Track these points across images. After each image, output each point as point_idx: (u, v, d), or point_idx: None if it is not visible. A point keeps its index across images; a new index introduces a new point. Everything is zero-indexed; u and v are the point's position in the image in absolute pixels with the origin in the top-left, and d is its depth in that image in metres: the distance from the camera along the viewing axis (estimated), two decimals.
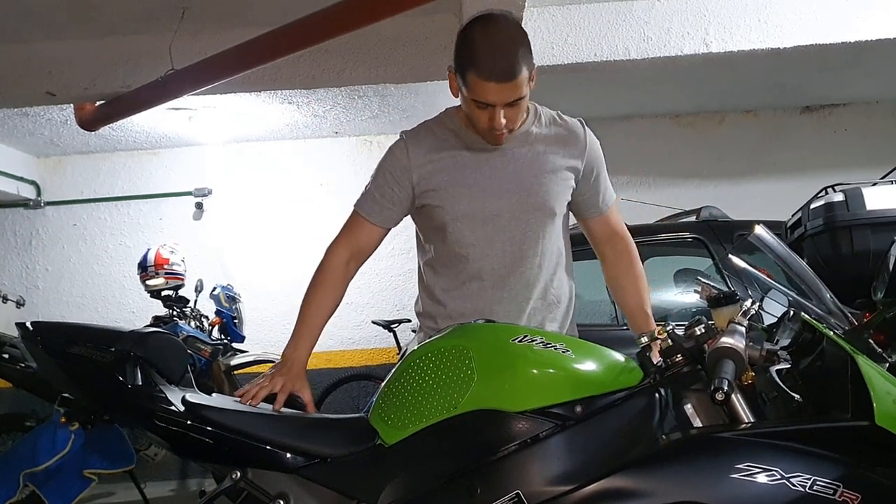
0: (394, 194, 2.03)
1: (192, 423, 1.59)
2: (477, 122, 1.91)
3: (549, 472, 1.48)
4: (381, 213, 2.04)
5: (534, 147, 2.02)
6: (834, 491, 1.38)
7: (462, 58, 1.86)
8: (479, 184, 2.00)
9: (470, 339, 1.63)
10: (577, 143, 2.06)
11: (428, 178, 2.01)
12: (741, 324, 1.49)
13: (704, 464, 1.43)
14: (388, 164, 2.04)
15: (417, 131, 2.06)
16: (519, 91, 1.84)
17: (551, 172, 2.03)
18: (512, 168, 2.01)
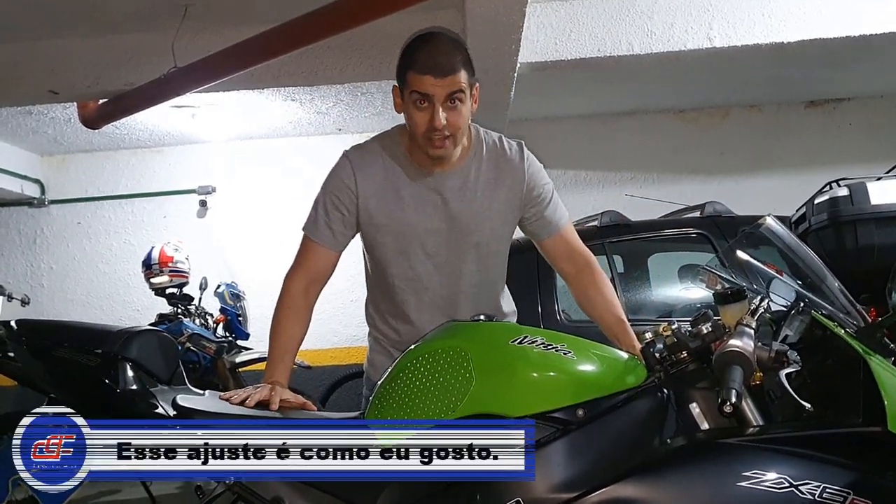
0: (342, 218, 2.02)
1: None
2: (417, 127, 1.88)
3: (551, 479, 1.45)
4: (333, 238, 2.04)
5: (472, 186, 2.01)
6: (844, 499, 1.35)
7: (402, 64, 1.88)
8: (420, 223, 2.01)
9: (468, 339, 1.60)
10: (516, 172, 2.04)
11: (371, 212, 2.01)
12: (749, 325, 1.45)
13: (711, 471, 1.40)
14: (334, 189, 2.03)
15: (363, 156, 2.03)
16: (457, 86, 1.84)
17: (490, 212, 2.03)
18: (451, 208, 2.01)
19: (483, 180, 2.00)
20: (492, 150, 2.04)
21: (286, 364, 1.93)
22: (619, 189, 6.08)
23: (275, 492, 1.56)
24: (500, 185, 2.01)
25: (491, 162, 2.02)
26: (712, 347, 1.50)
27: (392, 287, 2.06)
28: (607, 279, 2.09)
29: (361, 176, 1.99)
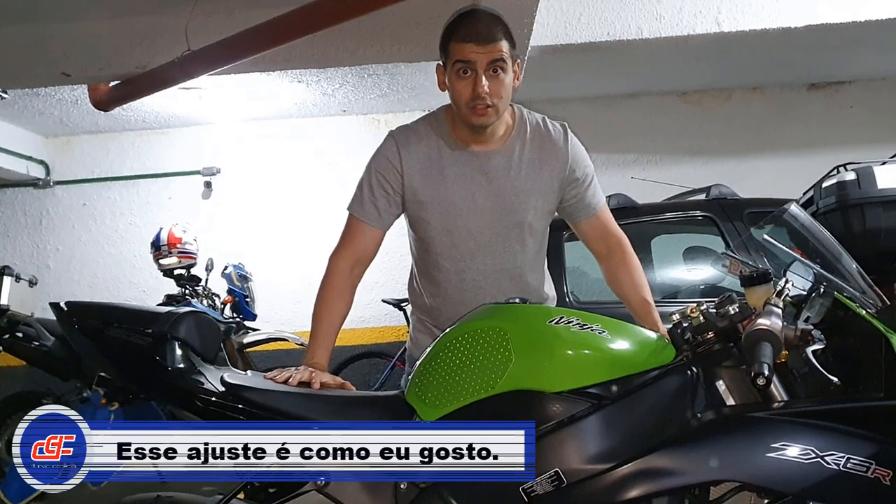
0: (388, 197, 2.07)
1: (233, 404, 1.62)
2: (460, 96, 1.95)
3: (587, 451, 1.51)
4: (379, 217, 2.08)
5: (516, 164, 2.07)
6: (867, 468, 1.42)
7: (444, 37, 1.97)
8: (464, 202, 2.06)
9: (506, 320, 1.66)
10: (560, 153, 2.09)
11: (416, 190, 2.06)
12: (777, 305, 1.52)
13: (740, 443, 1.47)
14: (380, 167, 2.07)
15: (408, 136, 2.09)
16: (498, 54, 1.90)
17: (533, 190, 2.08)
18: (494, 187, 2.06)
19: (527, 160, 2.06)
20: (535, 130, 2.09)
21: (327, 347, 1.98)
22: (622, 171, 6.13)
23: None
24: (543, 166, 2.07)
25: (535, 142, 2.07)
26: (739, 328, 1.56)
27: (436, 265, 2.11)
28: (637, 262, 2.15)
29: (406, 155, 2.04)
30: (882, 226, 3.14)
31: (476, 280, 2.11)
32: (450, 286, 2.13)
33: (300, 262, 6.18)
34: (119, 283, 6.46)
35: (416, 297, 2.23)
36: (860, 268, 1.66)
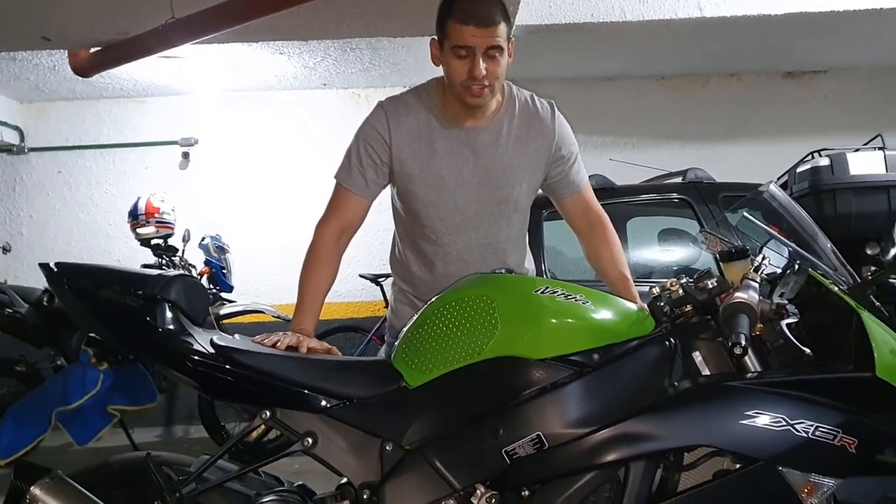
0: (375, 167, 2.09)
1: (223, 365, 1.64)
2: (456, 76, 1.96)
3: (568, 416, 1.57)
4: (366, 187, 2.10)
5: (504, 141, 2.10)
6: (834, 436, 1.50)
7: (442, 13, 1.96)
8: (452, 176, 2.09)
9: (494, 289, 1.71)
10: (547, 131, 2.13)
11: (405, 162, 2.08)
12: (754, 279, 1.58)
13: (715, 410, 1.53)
14: (368, 138, 2.09)
15: (398, 107, 2.10)
16: (497, 39, 1.92)
17: (520, 167, 2.12)
18: (482, 162, 2.09)
19: (514, 136, 2.09)
20: (524, 107, 2.12)
21: (314, 313, 2.01)
22: (598, 153, 6.19)
23: (307, 426, 1.65)
24: (530, 142, 2.10)
25: (523, 119, 2.10)
26: (717, 301, 1.62)
27: (421, 237, 2.14)
28: (617, 238, 2.21)
29: (395, 126, 2.06)
30: (853, 211, 3.23)
31: (460, 254, 2.15)
32: (435, 258, 2.16)
33: (277, 235, 6.18)
34: (94, 251, 6.41)
35: (399, 266, 2.26)
36: (834, 247, 1.72)
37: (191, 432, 6.09)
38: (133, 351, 1.68)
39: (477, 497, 1.59)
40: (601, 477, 1.54)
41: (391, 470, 1.62)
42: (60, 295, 1.74)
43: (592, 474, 1.54)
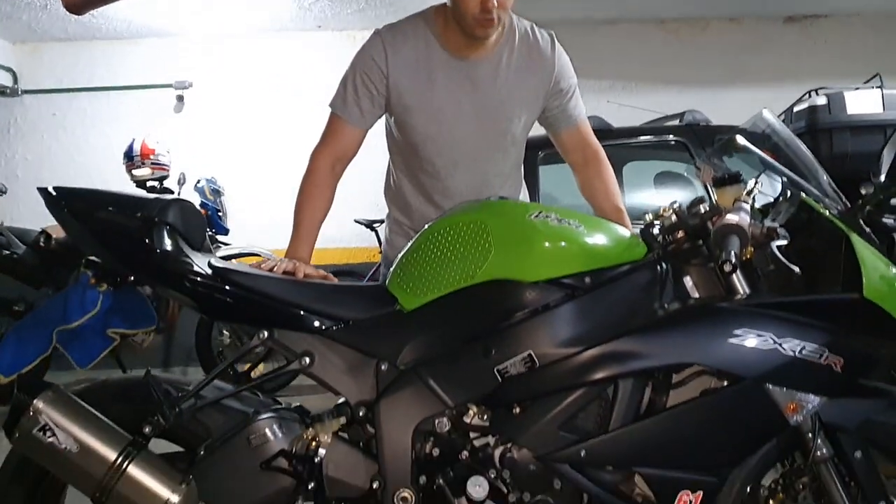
0: (371, 97, 2.06)
1: (220, 286, 1.66)
2: (469, 8, 1.92)
3: (559, 336, 1.60)
4: (361, 116, 2.08)
5: (503, 72, 2.08)
6: (820, 355, 1.53)
7: None
8: (451, 108, 2.07)
9: (487, 213, 1.72)
10: (546, 63, 2.11)
11: (402, 93, 2.06)
12: (746, 202, 1.59)
13: (703, 330, 1.56)
14: (364, 67, 2.05)
15: (395, 35, 2.06)
16: None
17: (519, 99, 2.11)
18: (480, 95, 2.07)
19: (514, 68, 2.07)
20: (524, 38, 2.10)
21: (309, 241, 2.02)
22: (597, 97, 6.15)
23: (304, 346, 1.68)
24: (529, 74, 2.09)
25: (522, 50, 2.08)
26: (709, 225, 1.64)
27: (419, 170, 2.14)
28: (612, 172, 2.21)
29: (393, 55, 2.03)
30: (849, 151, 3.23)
31: (457, 187, 2.15)
32: (432, 191, 2.16)
33: (273, 178, 6.17)
34: None
35: (395, 197, 2.26)
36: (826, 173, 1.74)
37: (188, 373, 6.16)
38: (132, 272, 1.69)
39: (469, 414, 1.64)
40: (590, 394, 1.58)
41: (386, 388, 1.65)
42: (59, 218, 1.75)
43: (582, 391, 1.57)
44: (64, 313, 1.72)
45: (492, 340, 1.62)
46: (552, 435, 1.57)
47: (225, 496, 1.64)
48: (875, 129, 3.25)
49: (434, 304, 1.67)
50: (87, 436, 1.54)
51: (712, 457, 1.57)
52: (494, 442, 1.63)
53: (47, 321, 1.73)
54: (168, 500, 1.54)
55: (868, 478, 1.62)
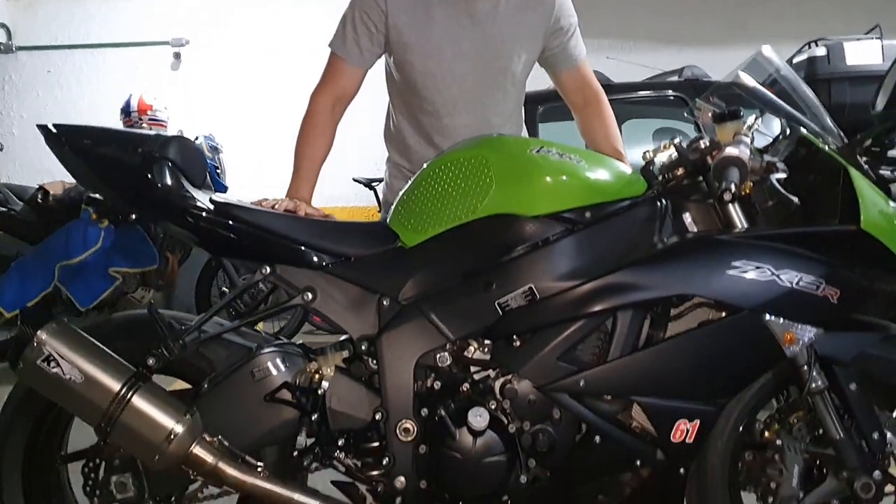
0: (370, 36, 2.06)
1: (223, 220, 1.67)
2: None
3: (559, 270, 1.61)
4: (360, 56, 2.08)
5: (503, 9, 2.07)
6: (817, 287, 1.55)
7: None
8: (448, 45, 2.06)
9: (488, 148, 1.73)
10: (546, 0, 2.10)
11: (401, 31, 2.05)
12: (746, 135, 1.60)
13: (702, 261, 1.58)
14: (363, 5, 2.05)
15: None
16: None
17: (518, 37, 2.09)
18: (480, 31, 2.06)
19: (513, 4, 2.06)
20: None
21: (310, 181, 2.03)
22: (596, 53, 6.08)
23: (307, 282, 1.69)
24: (529, 11, 2.08)
25: None
26: (708, 160, 1.64)
27: (419, 110, 2.14)
28: (612, 114, 2.21)
29: None
30: (847, 101, 3.23)
31: (457, 127, 2.14)
32: (432, 131, 2.16)
33: (271, 135, 6.13)
34: None
35: (394, 139, 2.25)
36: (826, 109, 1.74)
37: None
38: (134, 207, 1.69)
39: (470, 347, 1.66)
40: (589, 326, 1.60)
41: (388, 323, 1.67)
42: (60, 154, 1.75)
43: (581, 323, 1.59)
44: (66, 249, 1.73)
45: (493, 274, 1.63)
46: (552, 366, 1.59)
47: (229, 428, 1.65)
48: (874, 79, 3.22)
49: (435, 240, 1.68)
50: (92, 367, 1.56)
51: (709, 387, 1.59)
52: (495, 374, 1.66)
53: (49, 257, 1.74)
54: (172, 430, 1.56)
55: (862, 410, 1.65)
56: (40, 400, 1.75)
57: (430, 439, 1.64)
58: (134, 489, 1.68)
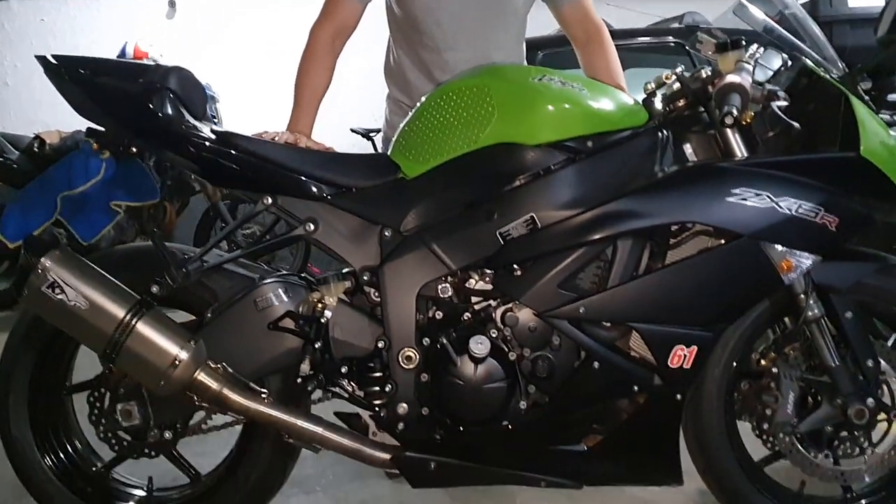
0: None
1: (225, 150, 1.67)
2: None
3: (561, 198, 1.62)
4: None
5: None
6: (816, 214, 1.56)
7: None
8: None
9: (490, 77, 1.72)
10: None
11: None
12: (747, 63, 1.60)
13: (702, 189, 1.59)
14: None
15: None
16: None
17: None
18: None
19: None
20: None
21: (310, 114, 2.02)
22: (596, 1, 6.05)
23: (309, 213, 1.70)
24: None
25: None
26: (710, 89, 1.64)
27: (418, 45, 2.12)
28: (614, 49, 2.20)
29: None
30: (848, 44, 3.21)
31: (457, 61, 2.13)
32: (433, 67, 2.15)
33: (268, 85, 6.09)
34: None
35: (395, 75, 2.24)
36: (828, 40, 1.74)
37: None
38: (135, 137, 1.69)
39: (471, 277, 1.67)
40: (590, 254, 1.61)
41: (389, 253, 1.68)
42: (59, 85, 1.74)
43: (581, 251, 1.61)
44: (68, 180, 1.73)
45: (494, 204, 1.64)
46: (552, 293, 1.61)
47: (233, 356, 1.67)
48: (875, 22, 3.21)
49: (436, 171, 1.68)
50: (96, 293, 1.57)
51: (707, 312, 1.61)
52: (496, 303, 1.67)
53: (51, 188, 1.74)
54: (177, 356, 1.58)
55: (857, 338, 1.68)
56: (45, 331, 1.77)
57: (432, 367, 1.66)
58: (139, 417, 1.71)
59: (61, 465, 1.84)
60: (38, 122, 5.65)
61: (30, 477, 1.82)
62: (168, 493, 1.88)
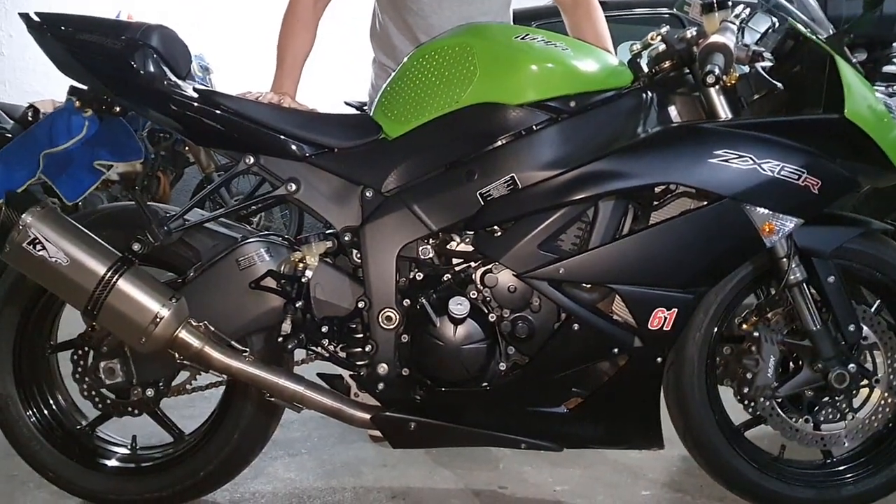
0: None
1: (207, 108, 1.66)
2: None
3: (541, 159, 1.62)
4: None
5: None
6: (799, 176, 1.55)
7: None
8: None
9: (472, 36, 1.70)
10: None
11: None
12: (732, 22, 1.58)
13: (684, 150, 1.58)
14: None
15: None
16: None
17: None
18: None
19: None
20: None
21: (294, 76, 2.01)
22: None
23: (290, 173, 1.69)
24: None
25: None
26: (694, 50, 1.63)
27: (403, 9, 2.10)
28: (602, 15, 2.18)
29: None
30: (843, 14, 3.17)
31: (442, 26, 2.09)
32: (418, 31, 2.13)
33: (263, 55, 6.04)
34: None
35: (380, 40, 2.22)
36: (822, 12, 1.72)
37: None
38: (118, 94, 1.68)
39: (451, 238, 1.67)
40: (571, 214, 1.61)
41: (370, 213, 1.67)
42: (42, 42, 1.74)
43: (562, 212, 1.60)
44: (50, 137, 1.72)
45: (475, 164, 1.63)
46: (532, 254, 1.60)
47: (215, 315, 1.67)
48: None
49: (418, 131, 1.67)
50: (77, 250, 1.57)
51: (688, 275, 1.60)
52: (476, 264, 1.67)
53: (34, 145, 1.73)
54: (158, 313, 1.58)
55: (839, 302, 1.67)
56: (28, 289, 1.77)
57: (412, 327, 1.67)
58: (122, 375, 1.71)
59: (46, 422, 1.85)
60: (34, 92, 5.62)
61: (15, 434, 1.83)
62: (151, 452, 1.89)
